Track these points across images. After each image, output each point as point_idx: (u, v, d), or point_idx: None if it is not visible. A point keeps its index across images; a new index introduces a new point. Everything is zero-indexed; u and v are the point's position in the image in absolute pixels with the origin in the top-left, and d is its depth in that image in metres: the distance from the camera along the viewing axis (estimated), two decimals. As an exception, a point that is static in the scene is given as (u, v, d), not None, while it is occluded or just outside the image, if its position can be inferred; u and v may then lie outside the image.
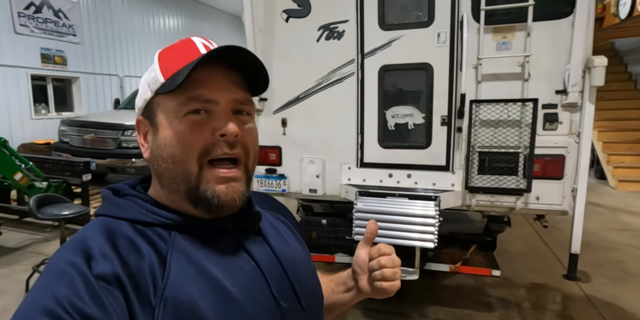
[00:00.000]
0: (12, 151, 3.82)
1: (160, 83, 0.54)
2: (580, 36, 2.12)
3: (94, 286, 0.44)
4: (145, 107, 0.57)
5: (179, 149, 0.52)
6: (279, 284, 0.57)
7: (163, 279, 0.48)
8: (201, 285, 0.50)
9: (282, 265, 0.60)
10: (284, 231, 0.68)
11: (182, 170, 0.53)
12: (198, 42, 0.57)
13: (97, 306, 0.43)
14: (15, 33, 6.77)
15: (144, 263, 0.48)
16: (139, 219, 0.53)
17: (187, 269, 0.50)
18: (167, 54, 0.57)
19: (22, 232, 4.10)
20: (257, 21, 2.65)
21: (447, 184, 2.46)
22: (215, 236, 0.56)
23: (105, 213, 0.55)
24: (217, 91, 0.53)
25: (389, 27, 2.47)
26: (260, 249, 0.59)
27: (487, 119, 2.31)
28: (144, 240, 0.51)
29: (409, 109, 2.51)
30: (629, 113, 6.87)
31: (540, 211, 2.39)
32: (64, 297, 0.42)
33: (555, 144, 2.26)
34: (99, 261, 0.46)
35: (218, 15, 13.00)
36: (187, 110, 0.52)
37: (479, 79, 2.31)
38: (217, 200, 0.53)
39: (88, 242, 0.48)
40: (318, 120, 2.64)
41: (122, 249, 0.49)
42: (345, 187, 2.62)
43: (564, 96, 2.21)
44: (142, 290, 0.46)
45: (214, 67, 0.53)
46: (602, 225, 4.40)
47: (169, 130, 0.53)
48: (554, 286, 3.00)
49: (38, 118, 7.36)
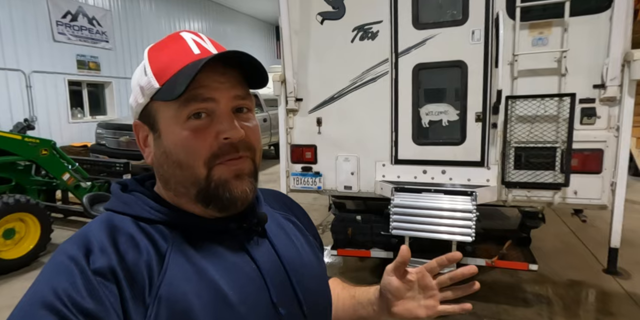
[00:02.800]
0: (60, 153, 4.06)
1: (155, 88, 0.52)
2: (619, 30, 2.11)
3: (92, 281, 0.44)
4: (141, 112, 0.56)
5: (184, 155, 0.52)
6: (279, 288, 0.56)
7: (159, 276, 0.48)
8: (197, 285, 0.49)
9: (286, 269, 0.58)
10: (292, 233, 0.66)
11: (189, 175, 0.53)
12: (189, 39, 0.55)
13: (95, 301, 0.43)
14: (54, 41, 7.14)
15: (142, 259, 0.48)
16: (141, 216, 0.53)
17: (185, 267, 0.50)
18: (158, 54, 0.55)
19: (70, 230, 4.34)
20: (293, 24, 2.74)
21: (482, 179, 2.49)
22: (218, 236, 0.55)
23: (111, 208, 0.55)
24: (216, 89, 0.52)
25: (423, 26, 2.52)
26: (263, 252, 0.58)
27: (524, 115, 2.33)
28: (144, 236, 0.51)
29: (443, 106, 2.55)
30: (665, 107, 6.63)
31: (579, 206, 2.39)
32: (63, 291, 0.43)
33: (593, 139, 2.26)
34: (98, 256, 0.47)
35: (241, 18, 13.25)
36: (188, 114, 0.51)
37: (515, 75, 2.33)
38: (230, 195, 0.53)
39: (90, 237, 0.49)
40: (352, 119, 2.71)
41: (121, 245, 0.49)
42: (380, 183, 2.68)
43: (602, 90, 2.21)
44: (137, 286, 0.47)
45: (213, 66, 0.51)
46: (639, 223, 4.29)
47: (172, 137, 0.52)
48: (591, 283, 2.97)
49: (75, 122, 7.72)
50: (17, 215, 3.27)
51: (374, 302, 0.70)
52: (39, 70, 6.94)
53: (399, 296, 0.66)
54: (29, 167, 4.03)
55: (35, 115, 6.87)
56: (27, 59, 6.73)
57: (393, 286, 0.66)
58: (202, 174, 0.52)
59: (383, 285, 0.67)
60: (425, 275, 0.66)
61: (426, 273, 0.66)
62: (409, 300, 0.67)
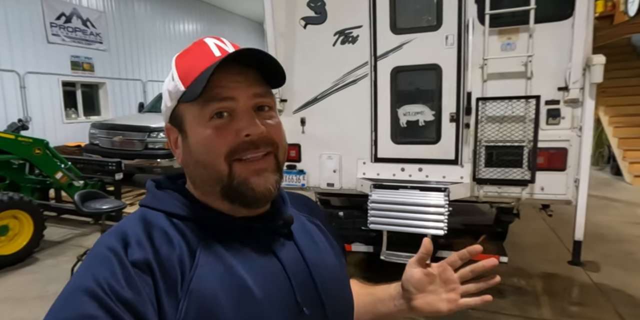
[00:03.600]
0: (53, 152, 4.16)
1: (181, 91, 0.55)
2: (580, 36, 2.26)
3: (130, 272, 0.46)
4: (171, 116, 0.58)
5: (206, 153, 0.54)
6: (304, 289, 0.57)
7: (191, 271, 0.50)
8: (225, 281, 0.51)
9: (310, 271, 0.59)
10: (317, 236, 0.67)
11: (212, 173, 0.54)
12: (211, 44, 0.57)
13: (133, 290, 0.45)
14: (48, 42, 7.22)
15: (175, 254, 0.50)
16: (173, 212, 0.55)
17: (214, 264, 0.52)
18: (184, 60, 0.58)
19: (63, 228, 4.44)
20: (279, 27, 2.87)
21: (457, 176, 2.63)
22: (245, 236, 0.57)
23: (146, 204, 0.58)
24: (235, 89, 0.54)
25: (400, 31, 2.65)
26: (288, 252, 0.59)
27: (493, 115, 2.47)
28: (177, 232, 0.53)
29: (420, 107, 2.69)
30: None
31: (546, 201, 2.53)
32: (103, 280, 0.45)
33: (558, 138, 2.40)
34: (135, 249, 0.49)
35: (236, 19, 13.36)
36: (210, 113, 0.53)
37: (485, 77, 2.47)
38: (253, 192, 0.54)
39: (127, 231, 0.51)
40: (335, 118, 2.84)
41: (156, 239, 0.51)
42: (360, 180, 2.81)
43: (565, 93, 2.35)
44: (170, 279, 0.48)
45: (229, 67, 0.53)
46: (616, 219, 4.46)
47: (196, 136, 0.54)
48: (564, 275, 3.12)
49: (69, 122, 7.79)
50: (11, 212, 3.37)
51: (394, 297, 0.70)
52: (33, 71, 7.01)
53: (420, 289, 0.66)
54: (22, 166, 4.14)
55: (30, 116, 6.95)
56: (21, 60, 6.81)
57: (415, 278, 0.66)
58: (224, 170, 0.54)
59: (405, 278, 0.68)
60: (447, 268, 0.67)
61: (447, 266, 0.67)
62: (430, 293, 0.66)
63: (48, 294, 2.91)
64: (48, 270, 3.34)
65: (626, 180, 6.25)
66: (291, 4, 2.82)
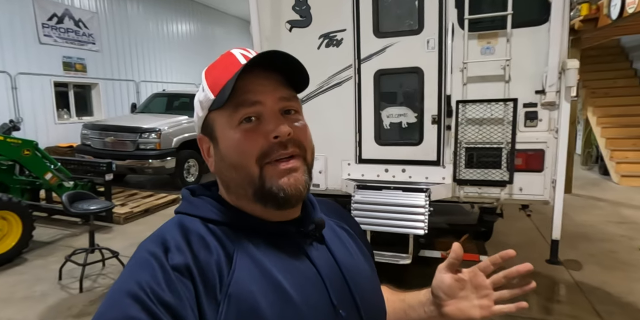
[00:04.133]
0: (43, 153, 4.17)
1: (211, 100, 0.57)
2: (556, 41, 2.32)
3: (171, 276, 0.48)
4: (203, 126, 0.60)
5: (238, 157, 0.56)
6: (339, 292, 0.57)
7: (229, 275, 0.51)
8: (263, 285, 0.52)
9: (343, 274, 0.59)
10: (347, 241, 0.68)
11: (245, 176, 0.56)
12: (237, 54, 0.60)
13: (174, 294, 0.46)
14: (40, 43, 7.22)
15: (213, 259, 0.51)
16: (209, 218, 0.57)
17: (251, 268, 0.53)
18: (212, 71, 0.60)
19: (53, 228, 4.45)
20: (264, 31, 2.91)
21: (439, 177, 2.68)
22: (279, 240, 0.58)
23: (182, 211, 0.59)
24: (262, 93, 0.56)
25: (383, 35, 2.70)
26: (321, 256, 0.60)
27: (473, 118, 2.52)
28: (213, 237, 0.54)
29: (403, 110, 2.74)
30: (634, 109, 6.92)
31: (524, 201, 2.59)
32: (146, 284, 0.46)
33: (536, 140, 2.46)
34: (175, 254, 0.50)
35: (229, 20, 13.38)
36: (239, 119, 0.55)
37: (465, 81, 2.53)
38: (284, 194, 0.55)
39: (166, 236, 0.53)
40: (320, 120, 2.88)
41: (194, 245, 0.52)
42: (345, 181, 2.86)
43: (543, 96, 2.41)
44: (209, 284, 0.49)
45: (255, 73, 0.56)
46: (601, 219, 4.53)
47: (227, 141, 0.56)
48: (546, 274, 3.18)
49: (61, 123, 7.79)
50: (0, 213, 3.39)
51: (425, 304, 0.69)
52: (25, 72, 7.01)
53: (452, 295, 0.65)
54: (12, 167, 4.15)
55: (22, 117, 6.95)
56: (13, 61, 6.80)
57: (446, 284, 0.65)
58: (256, 173, 0.55)
59: (435, 285, 0.67)
60: (478, 274, 0.65)
61: (479, 272, 0.66)
62: (462, 300, 0.65)
63: (36, 294, 2.93)
64: (36, 271, 3.36)
65: (614, 181, 6.33)
66: (277, 7, 2.87)
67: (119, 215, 4.66)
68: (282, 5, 2.85)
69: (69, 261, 3.17)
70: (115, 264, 3.36)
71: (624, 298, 2.76)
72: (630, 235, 4.00)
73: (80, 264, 3.05)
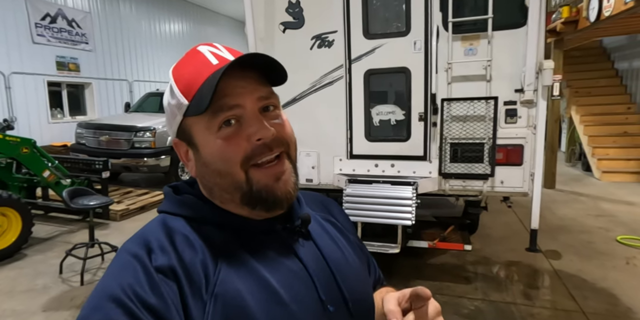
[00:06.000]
0: (41, 151, 4.24)
1: (185, 105, 0.54)
2: (533, 43, 2.48)
3: (154, 278, 0.47)
4: (178, 130, 0.58)
5: (222, 163, 0.54)
6: (326, 287, 0.57)
7: (215, 274, 0.50)
8: (250, 283, 0.51)
9: (331, 269, 0.59)
10: (333, 234, 0.67)
11: (231, 181, 0.55)
12: (206, 51, 0.57)
13: (157, 296, 0.46)
14: (33, 43, 7.24)
15: (198, 258, 0.51)
16: (194, 217, 0.56)
17: (238, 267, 0.52)
18: (181, 72, 0.57)
19: (50, 225, 4.52)
20: (258, 32, 3.04)
21: (425, 171, 2.84)
22: (264, 237, 0.58)
23: (165, 210, 0.58)
24: (240, 95, 0.54)
25: (372, 36, 2.85)
26: (308, 252, 0.59)
27: (457, 115, 2.68)
28: (198, 236, 0.53)
29: (391, 107, 2.89)
30: (614, 108, 7.18)
31: (505, 193, 2.75)
32: (128, 286, 0.46)
33: (515, 135, 2.63)
34: (158, 254, 0.49)
35: (221, 19, 13.44)
36: (219, 123, 0.53)
37: (450, 80, 2.68)
38: (274, 198, 0.55)
39: (149, 237, 0.52)
40: (312, 118, 3.02)
41: (178, 244, 0.51)
42: (337, 176, 3.00)
43: (521, 94, 2.58)
44: (195, 284, 0.49)
45: (230, 74, 0.53)
46: (581, 212, 4.74)
47: (208, 148, 0.54)
48: (527, 263, 3.36)
49: (55, 122, 7.81)
50: (0, 209, 3.46)
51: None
52: (19, 71, 7.03)
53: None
54: (10, 165, 4.21)
55: (15, 116, 6.96)
56: (6, 61, 6.82)
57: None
58: (242, 178, 0.54)
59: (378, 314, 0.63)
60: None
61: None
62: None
63: (37, 287, 3.02)
64: (36, 265, 3.45)
65: (595, 176, 6.57)
66: (270, 9, 2.99)
67: (115, 212, 4.74)
68: (275, 7, 2.98)
69: (70, 255, 3.26)
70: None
71: (598, 284, 2.95)
72: (607, 227, 4.20)
73: (80, 257, 3.14)
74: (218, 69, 0.52)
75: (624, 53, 7.72)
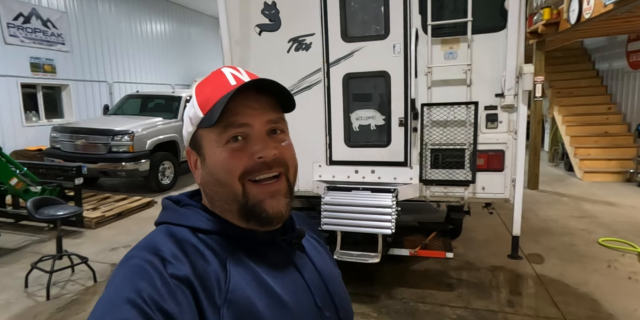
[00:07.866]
0: (7, 157, 4.05)
1: (200, 118, 0.59)
2: (513, 47, 2.43)
3: (170, 284, 0.49)
4: (191, 140, 0.63)
5: (223, 174, 0.58)
6: (321, 295, 0.63)
7: (226, 282, 0.53)
8: (257, 290, 0.55)
9: (323, 279, 0.65)
10: (319, 249, 0.74)
11: (228, 192, 0.58)
12: (227, 73, 0.62)
13: (173, 302, 0.47)
14: (5, 43, 6.95)
15: (210, 268, 0.54)
16: (199, 227, 0.59)
17: (244, 275, 0.56)
18: (203, 89, 0.63)
19: (20, 234, 4.32)
20: (233, 35, 2.92)
21: (406, 177, 2.77)
22: (266, 248, 0.62)
23: (167, 221, 0.60)
24: (250, 116, 0.58)
25: (350, 39, 2.77)
26: (304, 262, 0.65)
27: (437, 120, 2.62)
28: (206, 247, 0.56)
29: (371, 112, 2.81)
30: (596, 108, 7.26)
31: (487, 199, 2.70)
32: (144, 291, 0.47)
33: (496, 141, 2.58)
34: (172, 263, 0.51)
35: (204, 19, 13.21)
36: (227, 138, 0.58)
37: (429, 84, 2.62)
38: (266, 214, 0.58)
39: (158, 246, 0.54)
40: (290, 122, 2.90)
41: (190, 254, 0.54)
42: (316, 183, 2.91)
43: (502, 99, 2.53)
44: (209, 291, 0.52)
45: (246, 95, 0.58)
46: (563, 213, 4.75)
47: (214, 158, 0.59)
48: (510, 268, 3.32)
49: (29, 125, 7.53)
50: (-37, 220, 3.28)
51: None
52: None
53: None
54: (-25, 173, 4.00)
55: (-14, 119, 6.68)
56: (-24, 62, 6.54)
57: None
58: (239, 190, 0.58)
59: None
60: None
61: None
62: None
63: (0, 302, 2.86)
64: (1, 279, 3.27)
65: (577, 176, 6.63)
66: (245, 11, 2.88)
67: (90, 220, 4.57)
68: (250, 8, 2.87)
69: (35, 268, 3.10)
70: (84, 270, 3.30)
71: (580, 289, 2.93)
72: (589, 228, 4.21)
73: (47, 270, 2.98)
74: (233, 88, 0.57)
75: (604, 54, 7.82)
